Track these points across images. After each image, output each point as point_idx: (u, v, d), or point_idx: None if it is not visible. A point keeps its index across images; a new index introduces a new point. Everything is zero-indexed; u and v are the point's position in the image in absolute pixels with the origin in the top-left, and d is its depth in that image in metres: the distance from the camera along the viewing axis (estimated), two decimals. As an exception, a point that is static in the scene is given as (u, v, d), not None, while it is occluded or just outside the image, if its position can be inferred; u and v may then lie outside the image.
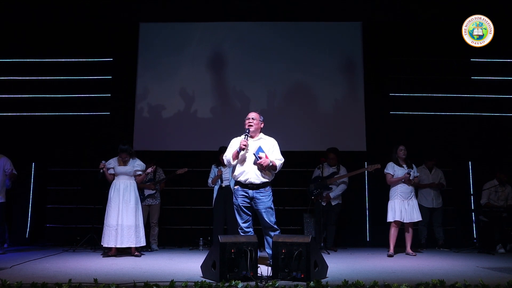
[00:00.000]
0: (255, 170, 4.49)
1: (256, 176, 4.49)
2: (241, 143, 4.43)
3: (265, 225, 4.52)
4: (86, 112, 7.67)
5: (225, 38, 7.84)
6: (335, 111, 7.67)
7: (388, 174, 5.98)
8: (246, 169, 4.51)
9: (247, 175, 4.49)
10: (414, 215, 5.84)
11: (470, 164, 7.53)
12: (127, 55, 7.77)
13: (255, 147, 4.51)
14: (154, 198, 6.56)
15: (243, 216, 4.54)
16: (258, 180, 4.49)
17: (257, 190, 4.49)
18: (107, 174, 5.76)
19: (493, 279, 3.78)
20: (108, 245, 5.52)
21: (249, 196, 4.50)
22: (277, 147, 4.68)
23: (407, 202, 5.86)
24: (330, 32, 7.82)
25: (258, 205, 4.49)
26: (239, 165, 4.55)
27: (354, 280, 3.58)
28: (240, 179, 4.53)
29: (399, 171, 5.93)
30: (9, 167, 6.13)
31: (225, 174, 6.32)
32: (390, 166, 6.00)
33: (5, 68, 7.73)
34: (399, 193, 5.88)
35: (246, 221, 4.54)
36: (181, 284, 3.55)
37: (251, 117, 4.61)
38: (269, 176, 4.57)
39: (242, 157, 4.50)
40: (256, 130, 4.62)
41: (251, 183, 4.49)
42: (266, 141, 4.65)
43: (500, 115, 7.65)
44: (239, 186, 4.56)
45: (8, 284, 3.50)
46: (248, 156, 4.51)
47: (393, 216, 5.84)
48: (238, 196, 4.54)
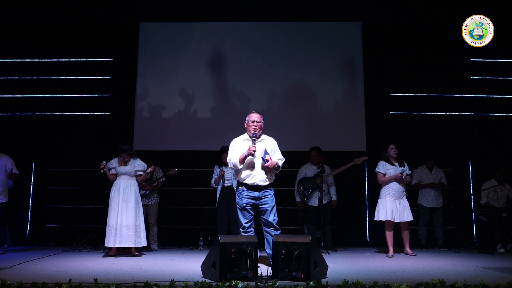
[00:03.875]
0: (262, 173, 4.55)
1: (262, 178, 4.54)
2: (250, 149, 4.46)
3: (268, 224, 4.53)
4: (86, 112, 7.68)
5: (225, 38, 7.85)
6: (335, 111, 7.67)
7: (379, 173, 5.92)
8: (254, 172, 4.54)
9: (255, 178, 4.53)
10: (405, 215, 5.78)
11: (470, 164, 7.53)
12: (127, 55, 7.77)
13: (260, 149, 4.54)
14: (150, 198, 6.55)
15: (247, 215, 4.56)
16: (264, 182, 4.55)
17: (263, 191, 4.55)
18: (109, 174, 5.76)
19: (493, 279, 3.78)
20: (108, 244, 5.52)
21: (254, 197, 4.53)
22: (278, 147, 4.74)
23: (399, 201, 5.81)
24: (330, 32, 7.82)
25: (264, 205, 4.53)
26: (247, 169, 4.57)
27: (354, 280, 3.58)
28: (246, 182, 4.55)
29: (391, 169, 5.88)
30: (10, 167, 6.13)
31: (227, 174, 6.32)
32: (381, 165, 5.93)
33: (5, 68, 7.73)
34: (391, 191, 5.83)
35: (249, 220, 4.56)
36: (181, 284, 3.55)
37: (255, 121, 4.61)
38: (272, 177, 4.63)
39: (250, 160, 4.53)
40: (259, 132, 4.65)
41: (258, 185, 4.53)
42: (268, 142, 4.68)
43: (500, 115, 7.65)
44: (244, 187, 4.58)
45: (8, 284, 3.50)
46: (256, 160, 4.54)
47: (384, 215, 5.79)
48: (243, 196, 4.56)
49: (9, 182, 6.40)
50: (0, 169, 6.09)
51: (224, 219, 6.26)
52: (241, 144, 4.62)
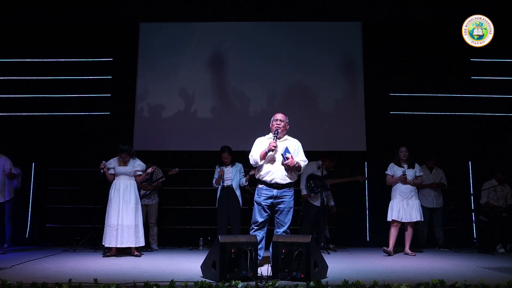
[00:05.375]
0: (282, 171, 4.53)
1: (282, 176, 4.53)
2: (271, 144, 4.47)
3: (282, 224, 4.55)
4: (86, 112, 7.68)
5: (225, 38, 7.85)
6: (335, 111, 7.67)
7: (387, 175, 6.08)
8: (273, 169, 4.54)
9: (274, 175, 4.53)
10: (413, 215, 5.83)
11: (470, 164, 7.54)
12: (127, 55, 7.77)
13: (282, 148, 4.55)
14: (150, 198, 6.56)
15: (263, 214, 4.57)
16: (284, 180, 4.54)
17: (282, 190, 4.54)
18: (108, 174, 5.76)
19: (493, 279, 3.78)
20: (109, 245, 5.52)
21: (273, 196, 4.53)
22: (301, 149, 4.73)
23: (407, 202, 5.87)
24: (330, 32, 7.82)
25: (281, 204, 4.54)
26: (266, 165, 4.57)
27: (354, 280, 3.58)
28: (265, 179, 4.56)
29: (399, 171, 5.98)
30: (9, 167, 6.11)
31: (227, 174, 6.30)
32: (390, 167, 6.08)
33: (5, 68, 7.73)
34: (398, 192, 5.92)
35: (264, 219, 4.57)
36: (181, 284, 3.55)
37: (279, 119, 4.63)
38: (293, 177, 4.61)
39: (270, 157, 4.54)
40: (282, 132, 4.65)
41: (276, 183, 4.53)
42: (292, 142, 4.69)
43: (500, 115, 7.65)
44: (264, 185, 4.58)
45: (8, 284, 3.50)
46: (276, 156, 4.55)
47: (391, 215, 5.90)
48: (262, 194, 4.57)
49: (14, 182, 6.41)
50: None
51: (224, 219, 6.24)
52: (264, 142, 4.64)
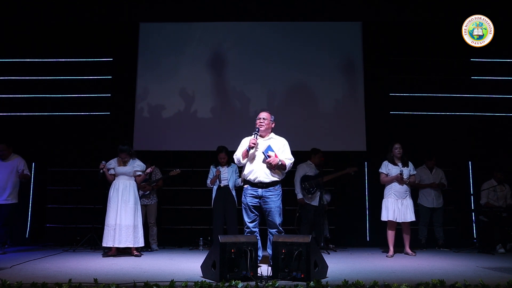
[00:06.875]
0: (264, 169, 4.50)
1: (265, 174, 4.50)
2: (250, 141, 4.47)
3: (271, 225, 4.51)
4: (86, 112, 7.67)
5: (225, 38, 7.85)
6: (335, 111, 7.67)
7: (382, 173, 5.94)
8: (255, 167, 4.52)
9: (256, 174, 4.50)
10: (408, 215, 5.76)
11: (470, 164, 7.53)
12: (127, 55, 7.77)
13: (264, 146, 4.53)
14: (149, 198, 6.55)
15: (250, 215, 4.54)
16: (267, 178, 4.50)
17: (267, 189, 4.50)
18: (108, 175, 5.76)
19: (493, 279, 3.79)
20: (107, 244, 5.53)
21: (258, 195, 4.50)
22: (288, 147, 4.69)
23: (401, 202, 5.80)
24: (330, 32, 7.82)
25: (267, 204, 4.49)
26: (249, 164, 4.57)
27: (354, 280, 3.58)
28: (249, 178, 4.54)
29: (394, 169, 5.87)
30: (22, 168, 6.12)
31: (224, 174, 6.30)
32: (384, 165, 5.95)
33: (5, 68, 7.73)
34: (392, 192, 5.83)
35: (253, 220, 4.54)
36: (181, 284, 3.55)
37: (262, 117, 4.62)
38: (279, 175, 4.56)
39: (252, 155, 4.52)
40: (266, 130, 4.63)
41: (260, 182, 4.50)
42: (277, 141, 4.66)
43: (500, 115, 7.65)
44: (248, 185, 4.57)
45: (8, 284, 3.50)
46: (258, 154, 4.53)
47: (386, 216, 5.81)
48: (247, 195, 4.54)
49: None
50: (12, 170, 6.08)
51: (220, 219, 6.23)
52: (248, 141, 4.61)
